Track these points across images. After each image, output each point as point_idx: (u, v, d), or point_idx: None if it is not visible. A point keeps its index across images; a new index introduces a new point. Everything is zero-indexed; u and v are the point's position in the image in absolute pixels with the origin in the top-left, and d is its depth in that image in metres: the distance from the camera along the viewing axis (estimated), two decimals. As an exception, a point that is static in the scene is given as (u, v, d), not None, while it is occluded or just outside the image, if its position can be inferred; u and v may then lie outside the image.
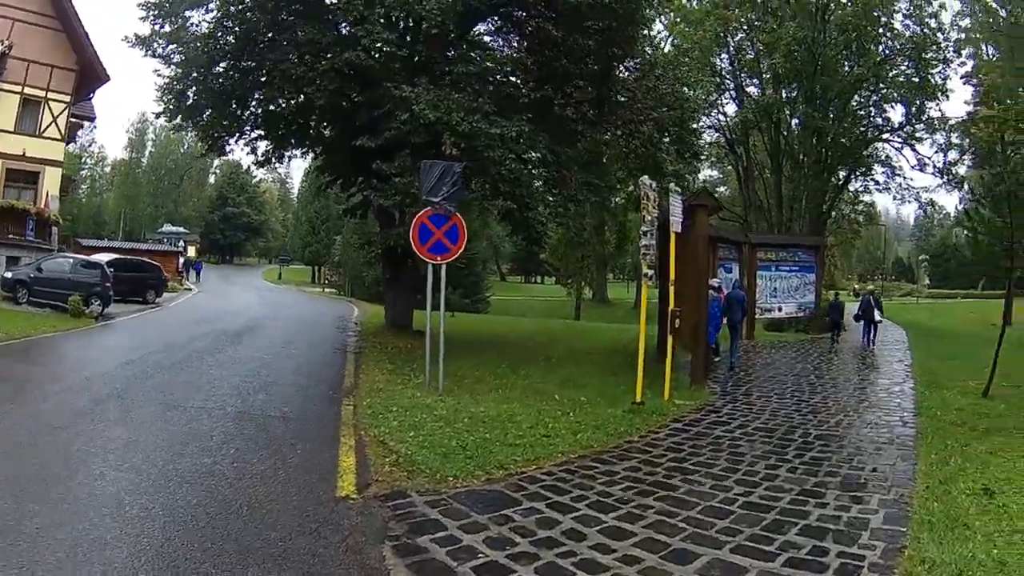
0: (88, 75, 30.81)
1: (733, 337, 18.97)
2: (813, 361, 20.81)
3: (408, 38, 19.51)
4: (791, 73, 37.56)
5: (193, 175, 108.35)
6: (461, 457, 8.50)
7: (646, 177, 13.27)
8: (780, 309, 28.23)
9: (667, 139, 21.21)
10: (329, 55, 17.95)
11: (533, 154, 17.51)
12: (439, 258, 13.58)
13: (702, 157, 32.25)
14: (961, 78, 38.83)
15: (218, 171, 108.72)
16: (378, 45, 17.87)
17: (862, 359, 21.67)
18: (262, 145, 23.48)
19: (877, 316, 24.37)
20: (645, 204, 12.85)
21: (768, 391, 15.07)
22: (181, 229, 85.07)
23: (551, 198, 19.72)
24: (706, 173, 61.09)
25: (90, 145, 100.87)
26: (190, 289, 48.23)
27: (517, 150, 16.64)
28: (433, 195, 13.44)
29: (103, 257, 29.93)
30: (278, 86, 19.22)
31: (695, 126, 24.16)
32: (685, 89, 23.05)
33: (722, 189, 55.32)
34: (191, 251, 76.10)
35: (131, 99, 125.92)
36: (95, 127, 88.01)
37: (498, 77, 18.59)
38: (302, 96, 19.99)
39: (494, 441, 9.36)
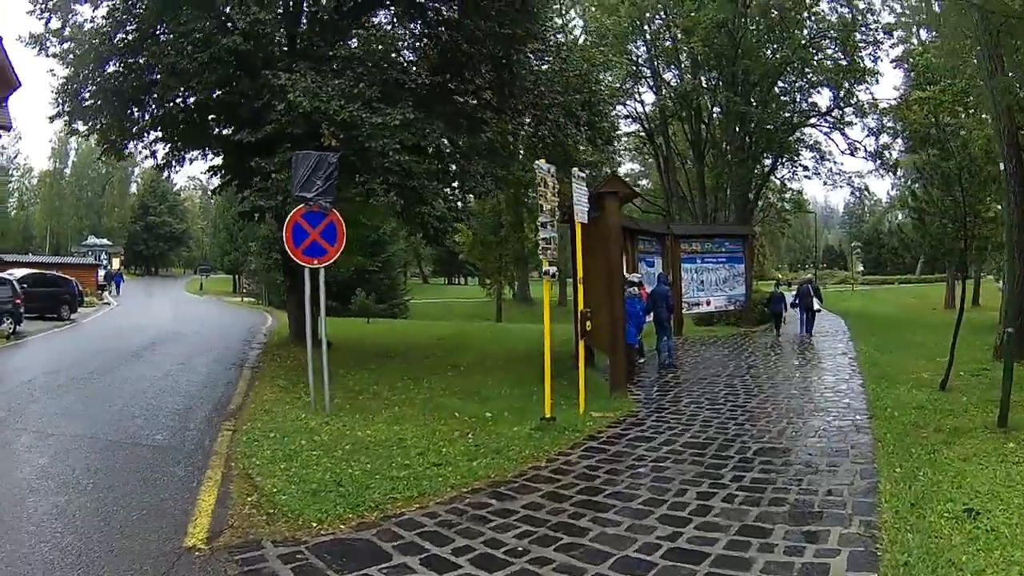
0: (-2, 81, 28.44)
1: (660, 335, 17.74)
2: (748, 358, 19.38)
3: (290, 21, 18.08)
4: (711, 58, 36.38)
5: (115, 185, 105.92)
6: (333, 495, 7.45)
7: (542, 161, 11.75)
8: (708, 303, 27.35)
9: (576, 125, 19.70)
10: (210, 44, 16.27)
11: (426, 144, 15.86)
12: (315, 261, 12.20)
13: (617, 144, 31.07)
14: (892, 62, 38.30)
15: (139, 180, 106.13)
16: (256, 29, 16.04)
17: (802, 353, 20.41)
18: (161, 148, 21.68)
19: (816, 305, 24.71)
20: (542, 192, 11.33)
21: (699, 395, 13.59)
22: (105, 241, 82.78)
23: (449, 191, 18.01)
24: (628, 167, 60.42)
25: (15, 157, 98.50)
26: (109, 303, 46.69)
27: (404, 140, 15.04)
28: (305, 190, 12.08)
29: (17, 272, 29.23)
30: (164, 83, 17.55)
31: (606, 111, 22.63)
32: (596, 73, 21.59)
33: (644, 182, 54.45)
34: (115, 263, 74.44)
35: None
36: (19, 137, 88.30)
37: (384, 64, 16.79)
38: (190, 92, 18.44)
39: (375, 473, 8.27)
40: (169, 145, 21.57)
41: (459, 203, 18.43)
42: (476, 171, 17.96)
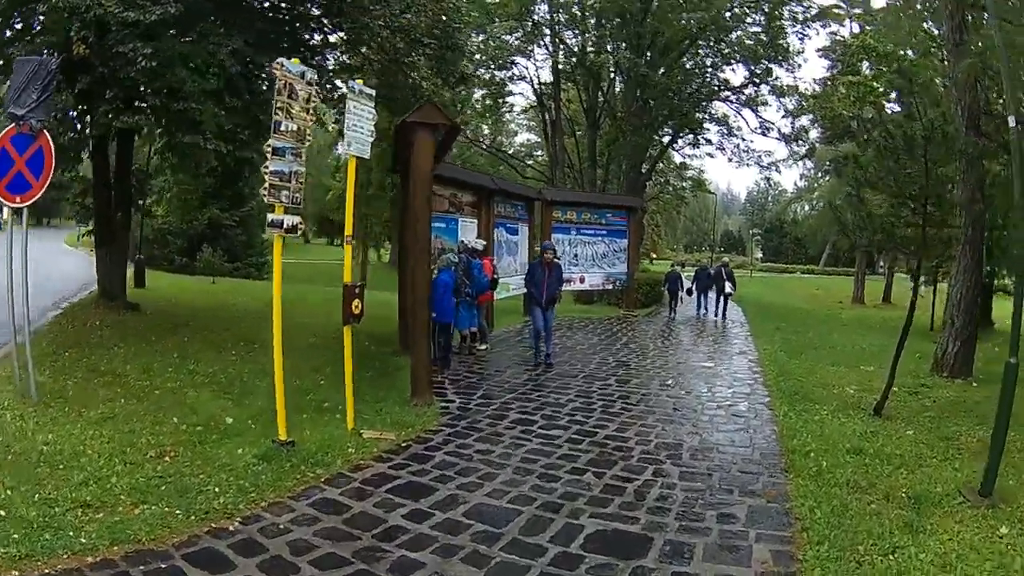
0: None
1: (534, 319, 14.46)
2: (621, 351, 16.09)
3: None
4: (613, 9, 32.83)
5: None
6: None
7: (284, 59, 8.33)
8: (582, 280, 24.30)
9: (422, 56, 16.32)
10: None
11: (208, 64, 12.25)
12: (18, 199, 9.10)
13: (470, 84, 27.66)
14: (817, 51, 36.73)
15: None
16: None
17: (691, 348, 17.20)
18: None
19: (728, 288, 24.60)
20: (284, 104, 7.75)
21: (536, 408, 10.11)
22: None
23: (234, 122, 14.12)
24: (524, 137, 57.59)
25: None
26: None
27: (167, 49, 11.48)
28: (19, 106, 8.98)
29: None
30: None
31: (461, 44, 19.27)
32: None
33: (540, 154, 50.80)
34: (4, 214, 68.30)
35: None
36: None
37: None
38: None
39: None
40: None
41: (244, 135, 14.46)
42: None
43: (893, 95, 26.49)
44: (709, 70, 36.39)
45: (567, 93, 40.44)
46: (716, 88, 36.95)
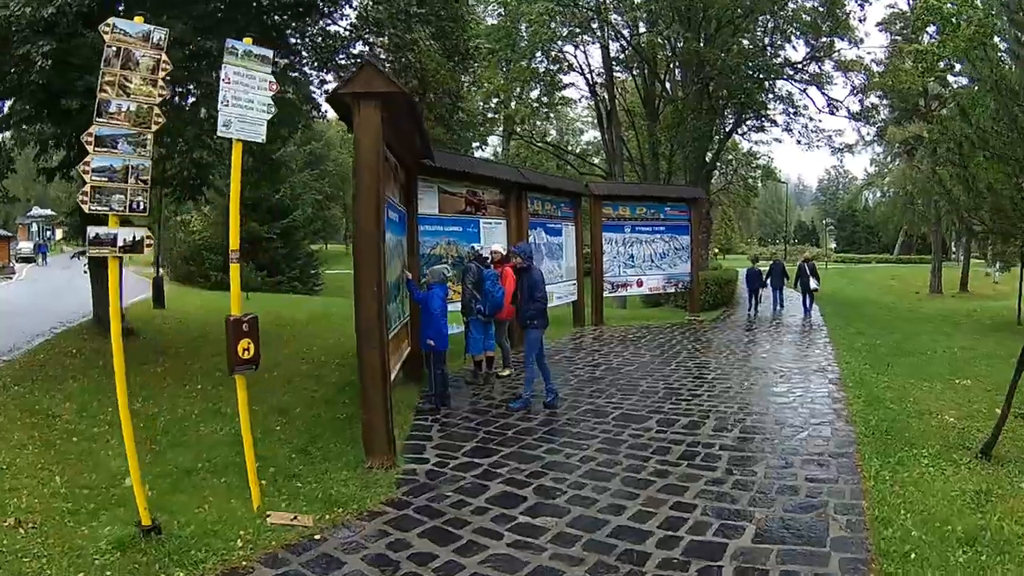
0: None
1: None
2: (676, 371, 13.14)
3: None
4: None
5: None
6: None
7: (119, 19, 5.85)
8: (640, 283, 21.40)
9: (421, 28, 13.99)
10: None
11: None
12: None
13: (474, 62, 25.34)
14: (877, 25, 35.56)
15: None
16: None
17: (761, 363, 13.99)
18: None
19: (813, 284, 23.26)
20: (114, 76, 5.54)
21: (535, 469, 7.47)
22: (49, 212, 78.66)
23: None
24: (592, 134, 55.12)
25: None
26: (10, 277, 42.51)
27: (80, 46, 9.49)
28: None
29: None
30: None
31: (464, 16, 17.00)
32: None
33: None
34: (58, 234, 71.83)
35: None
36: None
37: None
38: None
39: None
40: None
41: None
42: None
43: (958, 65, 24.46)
44: (768, 48, 33.89)
45: (622, 83, 38.47)
46: (777, 66, 34.23)
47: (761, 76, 33.39)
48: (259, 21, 12.51)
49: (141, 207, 5.80)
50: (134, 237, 5.77)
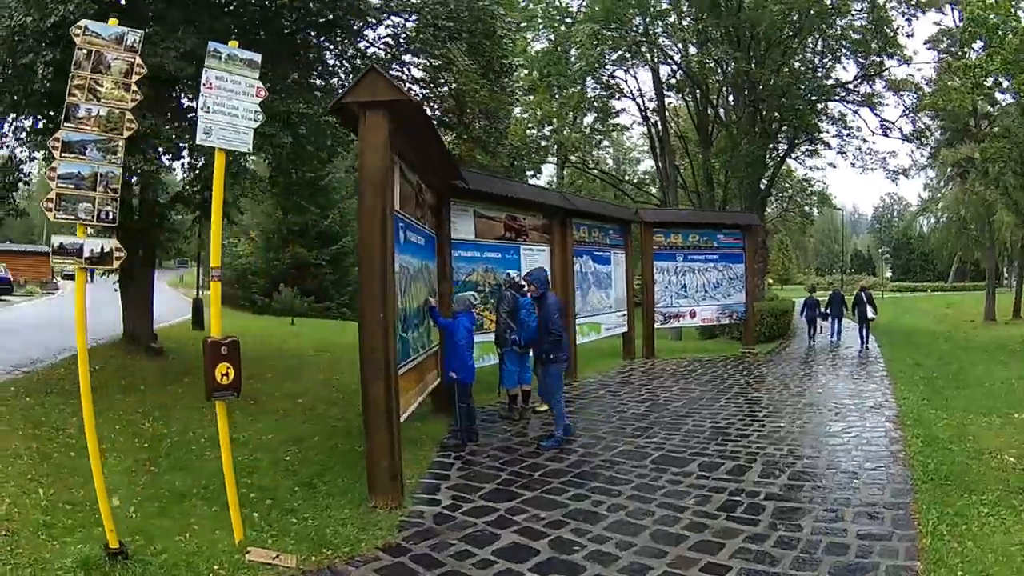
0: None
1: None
2: (725, 408, 12.23)
3: None
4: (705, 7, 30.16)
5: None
6: None
7: (91, 22, 5.47)
8: (693, 314, 20.53)
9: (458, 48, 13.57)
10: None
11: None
12: None
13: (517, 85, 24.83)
14: (925, 43, 34.83)
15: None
16: None
17: (815, 400, 13.02)
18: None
19: (870, 313, 22.46)
20: (84, 80, 5.40)
21: (556, 518, 6.68)
22: None
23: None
24: (648, 164, 54.48)
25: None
26: (52, 292, 44.42)
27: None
28: None
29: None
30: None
31: (506, 41, 16.70)
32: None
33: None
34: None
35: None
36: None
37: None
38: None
39: None
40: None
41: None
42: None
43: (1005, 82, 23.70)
44: (819, 69, 33.23)
45: (675, 108, 38.13)
46: (828, 87, 33.65)
47: (813, 97, 32.72)
48: (282, 38, 12.21)
49: (111, 217, 5.54)
50: (102, 248, 5.51)
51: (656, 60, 33.25)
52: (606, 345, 18.23)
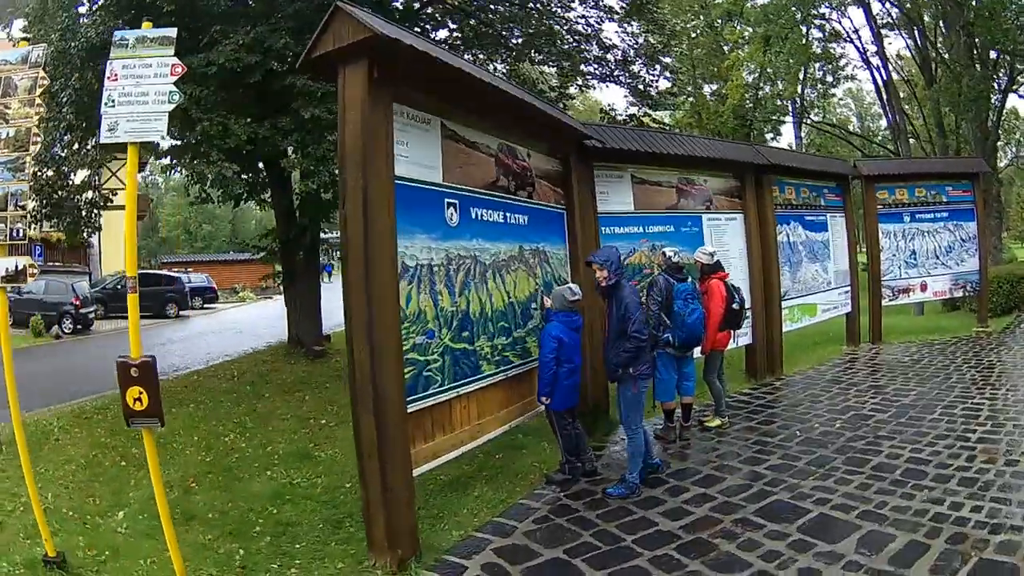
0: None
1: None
2: (929, 423, 8.97)
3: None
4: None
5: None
6: None
7: None
8: (924, 287, 16.81)
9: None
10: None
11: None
12: None
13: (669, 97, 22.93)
14: None
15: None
16: None
17: None
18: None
19: None
20: None
21: None
22: (331, 235, 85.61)
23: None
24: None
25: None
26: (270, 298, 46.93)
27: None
28: None
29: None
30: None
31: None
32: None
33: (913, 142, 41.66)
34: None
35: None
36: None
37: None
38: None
39: None
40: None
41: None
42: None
43: None
44: None
45: (898, 51, 36.74)
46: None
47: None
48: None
49: (22, 235, 5.82)
50: (16, 266, 5.79)
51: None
52: (825, 328, 15.47)
